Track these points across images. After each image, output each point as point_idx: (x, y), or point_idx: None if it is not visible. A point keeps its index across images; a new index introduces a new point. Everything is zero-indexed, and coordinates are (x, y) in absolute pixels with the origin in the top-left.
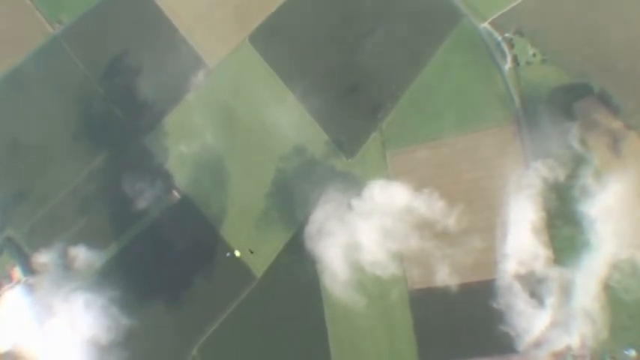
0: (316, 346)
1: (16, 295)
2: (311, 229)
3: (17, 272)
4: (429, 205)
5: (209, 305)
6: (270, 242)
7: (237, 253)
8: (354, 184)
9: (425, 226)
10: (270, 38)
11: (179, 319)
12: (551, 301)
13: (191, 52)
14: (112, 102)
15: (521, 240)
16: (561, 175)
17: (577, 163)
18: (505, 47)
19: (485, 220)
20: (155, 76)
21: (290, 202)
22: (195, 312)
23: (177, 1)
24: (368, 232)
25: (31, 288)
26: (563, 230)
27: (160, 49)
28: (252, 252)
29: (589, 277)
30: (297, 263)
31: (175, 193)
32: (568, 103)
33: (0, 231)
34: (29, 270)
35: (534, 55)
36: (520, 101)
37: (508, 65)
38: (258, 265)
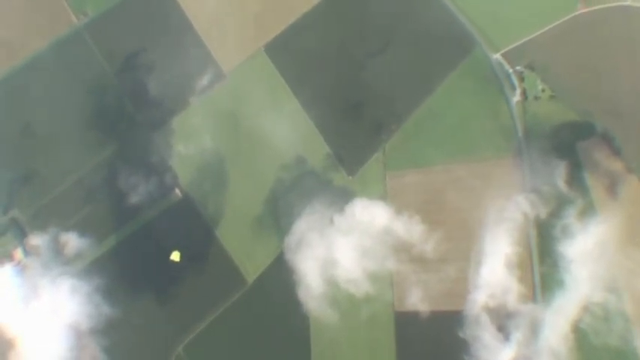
0: (298, 357)
1: (8, 274)
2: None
3: (19, 253)
4: (409, 229)
5: (198, 305)
6: (265, 249)
7: (175, 257)
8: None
9: (405, 250)
10: (285, 50)
11: (167, 316)
12: (517, 336)
13: (207, 55)
14: (125, 96)
15: (495, 273)
16: (544, 212)
17: (563, 202)
18: (515, 80)
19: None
20: (169, 75)
21: (287, 212)
22: (184, 311)
23: (199, 5)
24: (347, 249)
25: (23, 268)
26: (539, 267)
27: (177, 50)
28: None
29: (559, 317)
30: (289, 273)
31: (177, 192)
32: (571, 142)
33: (6, 211)
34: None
35: (543, 90)
36: (523, 136)
37: (516, 98)
38: (251, 271)
